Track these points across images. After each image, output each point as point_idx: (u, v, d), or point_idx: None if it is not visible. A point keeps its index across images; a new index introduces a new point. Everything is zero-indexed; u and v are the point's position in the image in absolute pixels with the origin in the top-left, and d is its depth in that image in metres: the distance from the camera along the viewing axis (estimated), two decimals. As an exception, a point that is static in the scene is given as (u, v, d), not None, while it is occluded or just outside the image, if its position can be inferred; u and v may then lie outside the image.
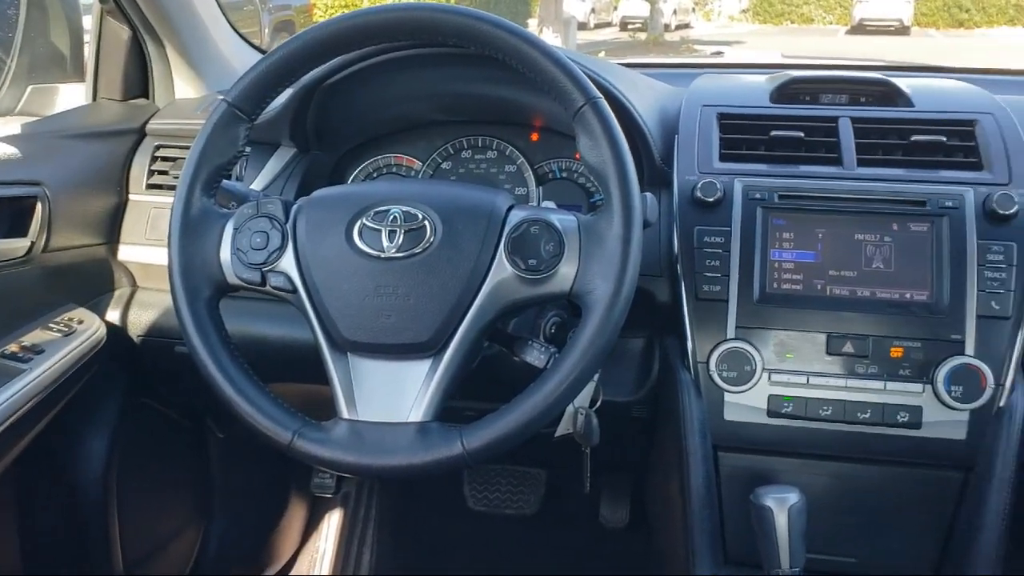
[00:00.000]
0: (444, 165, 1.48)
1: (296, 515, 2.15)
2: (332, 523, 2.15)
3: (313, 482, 1.93)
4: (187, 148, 1.07)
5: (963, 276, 1.13)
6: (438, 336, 0.98)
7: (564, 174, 1.45)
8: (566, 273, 0.98)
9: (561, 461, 1.82)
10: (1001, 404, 1.13)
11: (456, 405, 1.05)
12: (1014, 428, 1.15)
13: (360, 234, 1.01)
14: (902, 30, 20.01)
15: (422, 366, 0.99)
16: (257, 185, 1.41)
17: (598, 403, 1.25)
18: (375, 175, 1.50)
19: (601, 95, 0.98)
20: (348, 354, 1.01)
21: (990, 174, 1.19)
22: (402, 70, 1.32)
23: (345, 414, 0.99)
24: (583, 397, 1.23)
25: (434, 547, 2.20)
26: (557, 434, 1.25)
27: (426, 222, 1.00)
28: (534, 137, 1.45)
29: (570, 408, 1.23)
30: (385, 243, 0.99)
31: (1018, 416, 1.16)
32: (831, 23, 24.25)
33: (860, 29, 20.25)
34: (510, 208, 1.03)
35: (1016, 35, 20.41)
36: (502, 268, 0.99)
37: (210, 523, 1.93)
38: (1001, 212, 1.13)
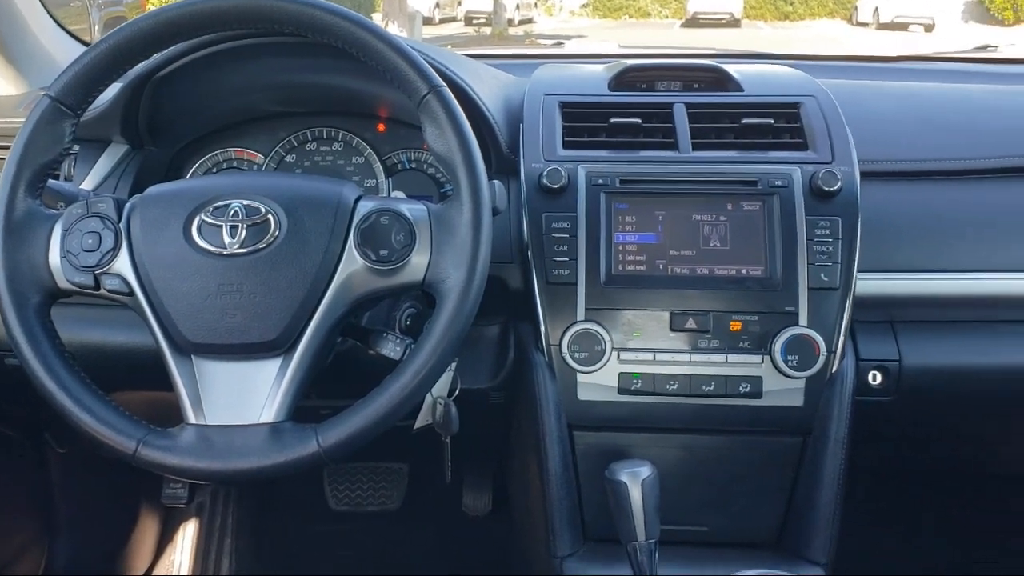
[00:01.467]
0: (288, 158, 1.44)
1: (148, 529, 2.06)
2: (187, 534, 2.07)
3: (164, 493, 1.85)
4: (8, 148, 1.01)
5: (794, 251, 1.19)
6: (287, 333, 0.96)
7: (413, 164, 1.44)
8: (418, 263, 0.98)
9: (422, 453, 1.82)
10: (833, 370, 1.21)
11: (312, 404, 1.03)
12: (846, 392, 1.23)
13: (199, 231, 0.97)
14: (733, 23, 20.95)
15: (272, 365, 0.97)
16: (87, 184, 1.33)
17: (456, 392, 1.25)
18: (214, 171, 1.45)
19: (444, 83, 0.99)
20: (192, 357, 0.98)
21: (815, 153, 1.26)
22: (238, 60, 1.28)
23: (192, 419, 0.96)
24: (441, 387, 1.23)
25: (296, 550, 2.16)
26: (416, 426, 1.25)
27: (269, 216, 0.97)
28: (381, 128, 1.44)
29: (428, 399, 1.23)
30: (226, 239, 0.96)
31: (849, 381, 1.24)
32: (667, 17, 25.08)
33: (694, 22, 21.07)
34: (358, 199, 1.02)
35: (835, 26, 21.81)
36: (352, 260, 0.98)
37: (54, 543, 1.83)
38: (826, 189, 1.20)
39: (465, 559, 2.08)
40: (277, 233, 0.97)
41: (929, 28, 17.86)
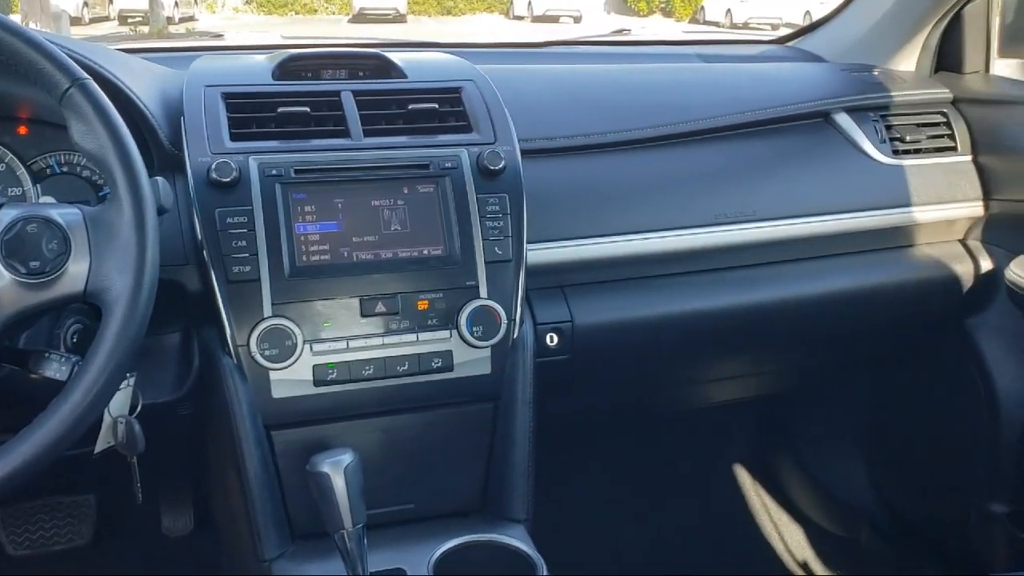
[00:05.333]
0: None
1: None
2: None
3: None
4: None
5: (469, 228, 1.25)
6: None
7: (65, 168, 1.32)
8: (77, 272, 0.91)
9: (109, 480, 1.69)
10: (515, 337, 1.28)
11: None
12: (528, 356, 1.31)
13: None
14: (399, 18, 21.38)
15: None
16: None
17: (138, 408, 1.19)
18: None
19: (89, 76, 0.92)
20: None
21: (479, 135, 1.32)
22: None
23: None
24: (120, 404, 1.16)
25: None
26: (97, 449, 1.17)
27: None
28: (22, 130, 1.30)
29: (108, 419, 1.16)
30: None
31: (529, 345, 1.32)
32: (334, 13, 25.05)
33: (361, 18, 21.21)
34: None
35: (493, 19, 23.13)
36: None
37: None
38: (492, 168, 1.26)
39: None
40: None
41: (577, 20, 19.61)
